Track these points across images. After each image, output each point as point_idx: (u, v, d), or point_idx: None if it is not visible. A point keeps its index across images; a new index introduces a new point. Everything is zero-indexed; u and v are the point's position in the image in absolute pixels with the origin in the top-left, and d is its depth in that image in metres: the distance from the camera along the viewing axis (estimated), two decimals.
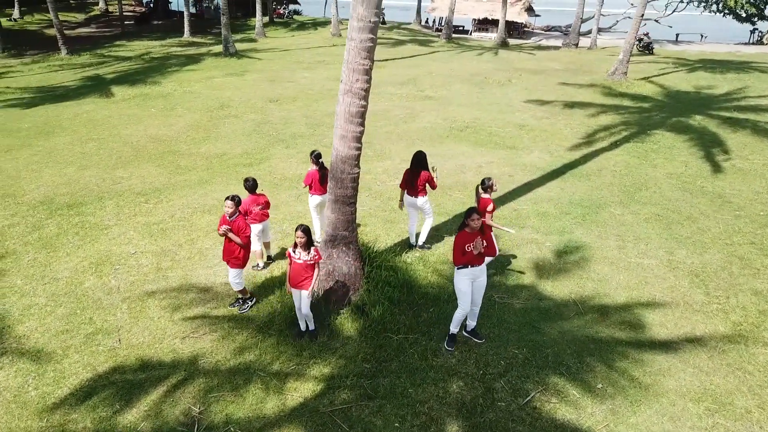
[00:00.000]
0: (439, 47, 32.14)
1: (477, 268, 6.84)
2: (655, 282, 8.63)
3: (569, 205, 11.22)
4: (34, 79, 25.68)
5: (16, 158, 14.43)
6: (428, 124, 16.77)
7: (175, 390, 6.58)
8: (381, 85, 21.84)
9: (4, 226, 10.68)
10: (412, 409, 6.22)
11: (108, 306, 8.15)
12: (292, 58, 28.14)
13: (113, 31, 43.17)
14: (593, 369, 6.80)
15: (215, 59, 28.28)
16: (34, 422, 6.11)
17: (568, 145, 14.98)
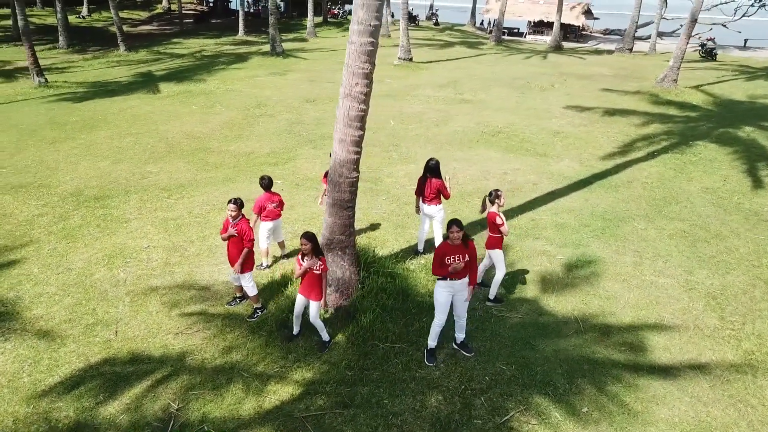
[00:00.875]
0: (488, 50, 31.68)
1: (457, 282, 6.66)
2: (667, 302, 8.20)
3: (590, 217, 10.82)
4: (92, 75, 26.81)
5: (59, 150, 15.08)
6: (460, 128, 16.53)
7: (158, 385, 6.69)
8: (419, 88, 21.71)
9: (34, 215, 11.16)
10: (385, 420, 6.12)
11: (112, 298, 8.38)
12: (337, 59, 28.29)
13: (173, 29, 44.61)
14: (582, 391, 6.52)
15: (262, 58, 28.80)
16: (21, 408, 6.33)
17: (601, 154, 14.46)
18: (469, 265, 6.64)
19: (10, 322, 7.85)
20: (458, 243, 6.50)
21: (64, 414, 6.26)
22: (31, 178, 13.13)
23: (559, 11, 36.51)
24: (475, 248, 6.82)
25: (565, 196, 11.80)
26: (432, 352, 7.03)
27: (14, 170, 13.64)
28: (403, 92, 21.01)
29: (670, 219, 10.82)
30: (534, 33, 47.78)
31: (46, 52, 34.23)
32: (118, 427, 6.09)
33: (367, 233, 10.28)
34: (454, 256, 6.50)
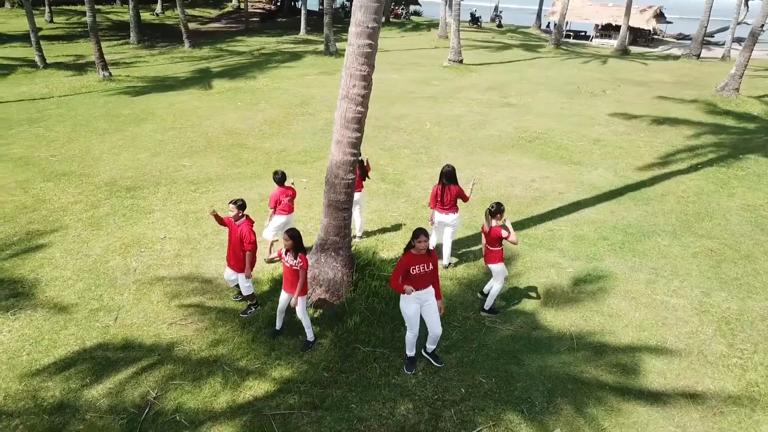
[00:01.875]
0: (545, 53, 30.93)
1: (422, 291, 6.52)
2: (674, 324, 7.77)
3: (612, 230, 10.39)
4: (154, 70, 27.98)
5: (105, 141, 15.83)
6: (497, 133, 16.23)
7: (142, 372, 6.92)
8: (464, 90, 21.46)
9: (69, 202, 11.76)
10: (350, 424, 6.09)
11: (120, 286, 8.72)
12: (388, 59, 28.36)
13: (239, 26, 45.91)
14: (559, 411, 6.27)
15: (315, 57, 29.23)
16: (13, 384, 6.69)
17: (640, 164, 13.85)
18: (432, 274, 6.50)
19: (24, 302, 8.31)
20: (422, 253, 6.38)
21: (51, 393, 6.56)
22: (75, 166, 13.84)
23: (627, 14, 35.20)
24: (436, 256, 6.69)
25: (591, 207, 11.37)
26: (412, 361, 6.94)
27: (62, 159, 14.41)
28: (446, 94, 20.82)
29: (698, 236, 10.24)
30: (601, 36, 46.26)
31: (118, 47, 36.00)
32: (97, 410, 6.33)
33: (377, 235, 10.27)
34: (419, 266, 6.38)
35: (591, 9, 46.59)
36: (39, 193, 12.23)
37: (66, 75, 26.59)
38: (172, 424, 6.16)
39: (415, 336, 6.74)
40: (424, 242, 6.29)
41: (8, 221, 10.87)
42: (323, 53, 29.50)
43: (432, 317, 6.61)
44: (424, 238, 6.29)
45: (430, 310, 6.59)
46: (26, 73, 26.86)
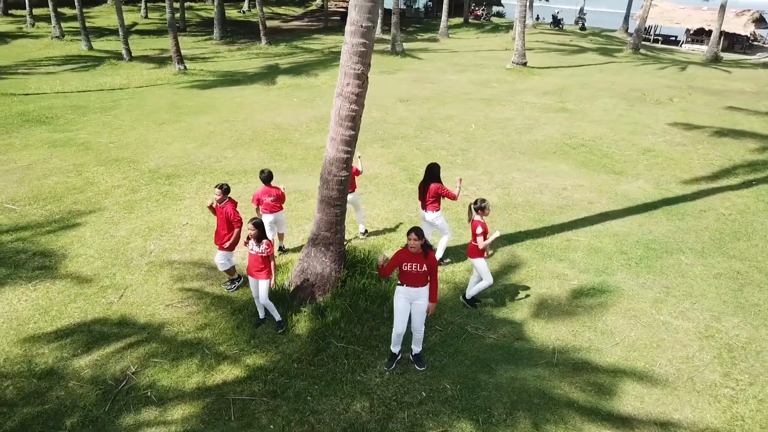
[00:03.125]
0: (621, 58, 29.63)
1: (413, 289, 6.52)
2: (669, 347, 7.34)
3: (633, 245, 9.91)
4: (228, 65, 29.23)
5: (162, 131, 16.77)
6: (541, 138, 15.80)
7: (128, 348, 7.35)
8: (521, 93, 20.99)
9: (112, 186, 12.59)
10: (302, 415, 6.22)
11: (133, 266, 9.27)
12: (453, 60, 28.18)
13: (318, 25, 46.98)
14: (516, 425, 6.11)
15: (380, 56, 29.46)
16: (14, 349, 7.30)
17: (687, 177, 13.07)
18: (426, 275, 6.47)
19: (46, 274, 9.02)
20: (418, 252, 6.37)
21: (44, 360, 7.11)
22: (128, 153, 14.76)
23: (720, 18, 33.07)
24: (436, 261, 6.64)
25: (618, 219, 10.88)
26: (393, 357, 6.98)
27: (119, 145, 15.41)
28: (502, 97, 20.45)
29: (728, 257, 9.57)
30: (693, 42, 43.66)
31: (201, 42, 37.88)
32: (79, 379, 6.80)
33: (384, 234, 10.31)
34: (411, 264, 6.40)
35: (682, 13, 44.07)
36: (90, 176, 13.14)
37: (147, 68, 28.30)
38: (142, 398, 6.51)
39: (399, 333, 6.76)
40: (413, 240, 6.29)
41: (56, 200, 11.77)
42: (389, 53, 29.69)
43: (416, 317, 6.64)
44: (413, 236, 6.29)
45: (417, 310, 6.61)
46: (112, 65, 28.81)
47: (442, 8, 38.09)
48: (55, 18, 36.01)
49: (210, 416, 6.21)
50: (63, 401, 6.46)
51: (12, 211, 11.28)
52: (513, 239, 10.11)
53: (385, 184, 12.70)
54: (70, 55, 31.61)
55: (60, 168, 13.66)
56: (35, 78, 25.30)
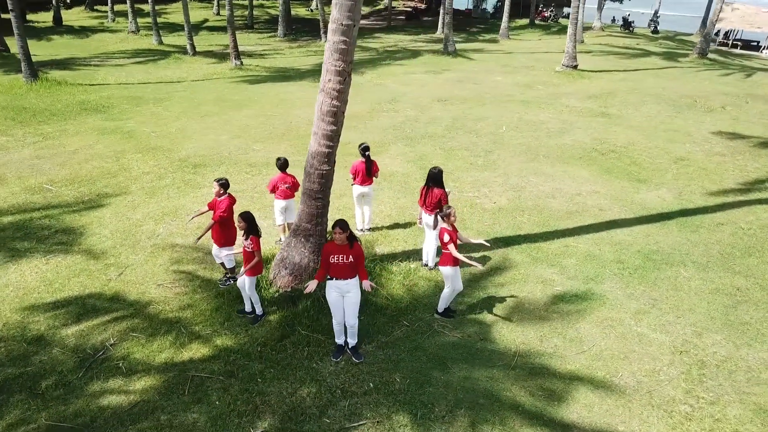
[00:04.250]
0: (685, 63, 28.31)
1: (342, 281, 6.69)
2: (637, 359, 7.16)
3: (633, 254, 9.63)
4: (284, 61, 30.08)
5: (202, 123, 17.58)
6: (570, 142, 15.47)
7: (113, 321, 7.89)
8: (565, 96, 20.55)
9: (144, 172, 13.38)
10: (250, 395, 6.51)
11: (139, 247, 9.88)
12: (504, 61, 27.84)
13: (382, 24, 47.41)
14: (454, 422, 6.17)
15: (431, 56, 29.51)
16: (13, 315, 7.99)
17: (714, 188, 12.49)
18: (353, 264, 6.64)
19: (61, 249, 9.76)
20: (344, 243, 6.55)
21: (37, 327, 7.75)
22: (165, 142, 15.59)
23: None
24: (362, 250, 6.79)
25: (626, 228, 10.58)
26: (340, 349, 7.16)
27: (160, 135, 16.29)
28: (542, 100, 20.10)
29: (732, 272, 9.14)
30: None
31: (265, 39, 39.13)
32: (63, 346, 7.38)
33: (385, 230, 10.48)
34: (338, 256, 6.59)
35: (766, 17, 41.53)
36: (126, 162, 14.00)
37: (207, 62, 29.57)
38: (113, 368, 7.00)
39: (338, 324, 6.96)
40: (338, 234, 6.49)
41: (89, 183, 12.64)
42: (441, 52, 29.68)
43: (348, 309, 6.79)
44: (338, 230, 6.49)
45: (349, 302, 6.77)
46: (176, 59, 30.28)
47: (523, 9, 37.54)
48: (131, 14, 38.17)
49: (167, 389, 6.61)
50: (44, 365, 7.02)
51: (49, 191, 12.21)
52: (510, 242, 10.04)
53: (399, 181, 12.84)
54: (141, 49, 33.46)
55: (101, 154, 14.60)
56: (104, 70, 26.96)
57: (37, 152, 14.74)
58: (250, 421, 6.15)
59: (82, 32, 39.07)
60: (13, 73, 24.18)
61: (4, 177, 12.96)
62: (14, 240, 10.07)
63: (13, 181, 12.72)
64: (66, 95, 21.05)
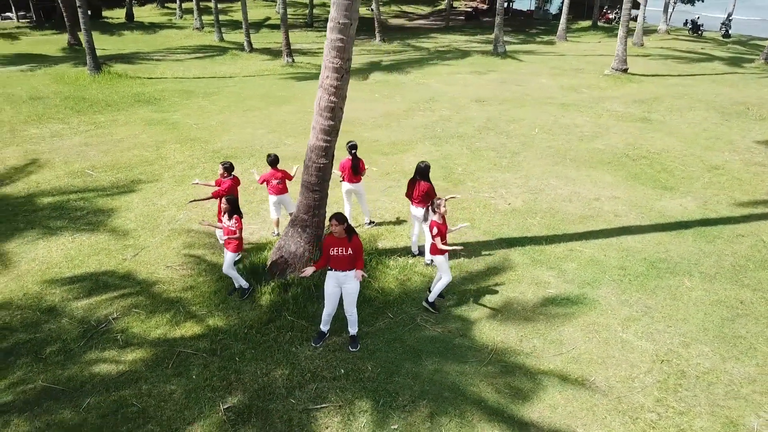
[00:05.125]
0: (749, 69, 26.94)
1: (341, 273, 6.94)
2: (615, 365, 7.10)
3: (638, 261, 9.47)
4: None
5: (244, 117, 18.29)
6: (602, 147, 15.18)
7: (118, 298, 8.48)
8: (608, 101, 20.09)
9: (177, 161, 14.11)
10: (226, 373, 6.90)
11: (158, 231, 10.49)
12: (553, 63, 27.37)
13: (441, 24, 47.39)
14: (413, 411, 6.35)
15: (480, 57, 29.36)
16: (33, 286, 8.71)
17: (744, 199, 12.01)
18: (352, 257, 6.87)
19: (89, 229, 10.50)
20: (341, 236, 6.79)
21: (51, 299, 8.42)
22: (205, 134, 16.34)
23: None
24: (360, 243, 7.01)
25: (637, 234, 10.37)
26: (321, 335, 7.44)
27: (201, 127, 17.08)
28: (584, 103, 19.73)
29: (740, 285, 8.84)
30: None
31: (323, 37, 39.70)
32: (72, 318, 8.00)
33: (389, 225, 10.69)
34: (338, 248, 6.83)
35: None
36: (164, 152, 14.78)
37: (262, 59, 30.51)
38: (111, 340, 7.55)
39: (328, 313, 7.24)
40: (335, 226, 6.75)
41: (126, 170, 13.46)
42: (490, 53, 29.48)
43: (347, 299, 7.05)
44: (334, 222, 6.74)
45: (346, 292, 7.03)
46: (233, 55, 31.38)
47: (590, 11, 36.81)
48: (197, 11, 39.79)
49: (154, 362, 7.08)
50: (51, 333, 7.65)
51: (89, 176, 13.08)
52: (514, 243, 10.05)
53: None
54: (203, 45, 34.85)
55: (144, 143, 15.47)
56: (164, 64, 28.31)
57: (86, 140, 15.76)
58: (222, 396, 6.52)
59: (151, 28, 41.03)
60: (81, 66, 25.75)
61: (52, 161, 13.96)
62: (49, 219, 10.88)
63: (59, 166, 13.68)
64: (124, 87, 22.29)
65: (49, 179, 12.86)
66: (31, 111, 18.50)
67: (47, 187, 12.40)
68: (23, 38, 36.39)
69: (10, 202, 11.64)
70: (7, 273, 9.06)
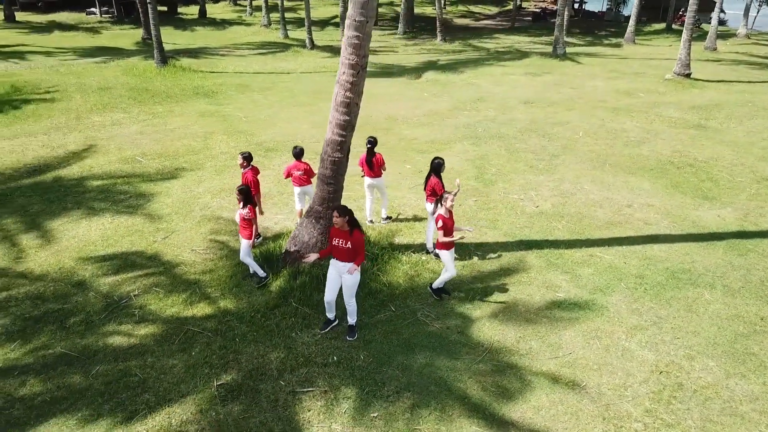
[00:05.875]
0: None
1: (340, 263, 7.15)
2: (610, 373, 6.98)
3: (658, 271, 9.21)
4: (393, 58, 30.91)
5: (291, 112, 18.83)
6: (647, 153, 14.71)
7: (143, 277, 9.02)
8: (661, 106, 19.39)
9: (221, 152, 14.75)
10: (226, 352, 7.26)
11: (190, 217, 11.05)
12: (613, 66, 26.57)
13: (506, 25, 46.80)
14: (395, 402, 6.49)
15: (538, 58, 28.85)
16: (69, 261, 9.39)
17: None
18: (352, 251, 7.05)
19: (128, 212, 11.18)
20: (344, 228, 6.99)
21: (83, 274, 9.06)
22: (252, 127, 16.97)
23: None
24: (361, 238, 7.18)
25: (665, 244, 10.06)
26: (328, 322, 7.68)
27: (250, 120, 17.74)
28: (637, 108, 19.12)
29: (764, 301, 8.44)
30: None
31: (385, 36, 40.23)
32: (98, 292, 8.59)
33: (409, 222, 10.83)
34: (339, 240, 7.06)
35: None
36: (211, 142, 15.47)
37: (321, 56, 31.17)
38: (129, 315, 8.06)
39: (327, 301, 7.46)
40: (336, 218, 6.97)
41: (173, 158, 14.19)
42: (549, 55, 28.93)
43: (345, 290, 7.26)
44: (336, 214, 6.96)
45: (345, 283, 7.23)
46: (295, 52, 32.21)
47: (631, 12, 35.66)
48: (265, 8, 41.05)
49: (162, 338, 7.53)
50: (78, 305, 8.25)
51: (138, 162, 13.88)
52: (533, 246, 9.97)
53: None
54: (268, 41, 35.93)
55: (193, 133, 16.23)
56: (228, 59, 29.41)
57: (142, 129, 16.68)
58: (217, 373, 6.87)
59: (221, 24, 42.64)
60: (150, 59, 27.12)
61: (107, 147, 14.88)
62: (95, 201, 11.65)
63: (113, 152, 14.57)
64: (185, 80, 23.35)
65: (101, 164, 13.72)
66: (98, 100, 19.70)
67: (98, 171, 13.24)
68: (104, 32, 38.68)
69: (64, 184, 12.51)
70: (49, 248, 9.78)
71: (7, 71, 24.30)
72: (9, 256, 9.50)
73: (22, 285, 8.73)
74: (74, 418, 6.16)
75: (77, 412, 6.24)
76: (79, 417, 6.18)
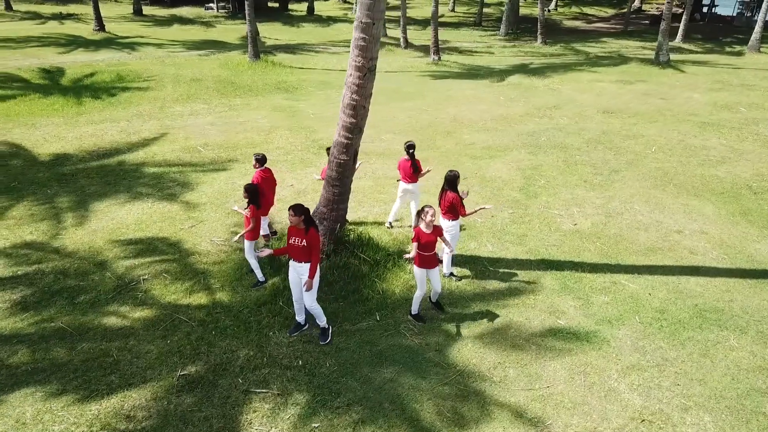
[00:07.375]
0: None
1: (297, 264, 7.13)
2: (585, 414, 6.42)
3: (684, 307, 8.33)
4: (485, 60, 30.24)
5: None
6: (723, 174, 13.31)
7: (158, 262, 9.48)
8: (761, 123, 17.46)
9: (277, 146, 15.15)
10: (200, 343, 7.46)
11: (222, 208, 11.45)
12: (720, 77, 24.24)
13: (619, 28, 44.26)
14: (342, 415, 6.36)
15: (637, 65, 26.95)
16: (99, 241, 10.05)
17: None
18: (307, 251, 7.02)
19: (168, 198, 11.78)
20: (300, 227, 6.98)
21: (105, 255, 9.67)
22: (315, 124, 17.31)
23: None
24: (316, 237, 7.06)
25: (705, 277, 9.07)
26: (297, 326, 7.70)
27: (316, 117, 18.07)
28: (731, 123, 17.31)
29: None
30: None
31: (486, 37, 39.42)
32: (113, 272, 9.15)
33: None
34: (295, 238, 7.06)
35: None
36: (272, 137, 15.96)
37: (412, 56, 31.14)
38: (134, 296, 8.51)
39: (295, 301, 7.48)
40: (291, 216, 6.96)
41: (231, 149, 14.80)
42: (651, 62, 26.97)
43: (304, 296, 7.22)
44: (291, 212, 6.96)
45: (303, 289, 7.21)
46: (388, 50, 32.37)
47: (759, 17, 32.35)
48: None
49: (151, 323, 7.87)
50: (92, 283, 8.82)
51: (198, 152, 14.60)
52: (552, 266, 9.38)
53: (490, 187, 12.57)
54: None
55: (259, 127, 16.80)
56: (321, 56, 30.13)
57: (214, 119, 17.51)
58: (184, 363, 7.07)
59: (326, 21, 43.77)
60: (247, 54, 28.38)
61: (175, 136, 15.76)
62: (143, 186, 12.39)
63: (179, 141, 15.41)
64: (273, 75, 24.20)
65: (164, 151, 14.56)
66: (185, 91, 20.92)
67: (159, 159, 14.05)
68: (217, 26, 40.97)
69: (124, 167, 13.41)
70: (87, 227, 10.52)
71: (120, 61, 26.39)
72: (50, 231, 10.32)
73: (53, 260, 9.44)
74: (42, 391, 6.57)
75: (48, 385, 6.66)
76: (47, 390, 6.59)
